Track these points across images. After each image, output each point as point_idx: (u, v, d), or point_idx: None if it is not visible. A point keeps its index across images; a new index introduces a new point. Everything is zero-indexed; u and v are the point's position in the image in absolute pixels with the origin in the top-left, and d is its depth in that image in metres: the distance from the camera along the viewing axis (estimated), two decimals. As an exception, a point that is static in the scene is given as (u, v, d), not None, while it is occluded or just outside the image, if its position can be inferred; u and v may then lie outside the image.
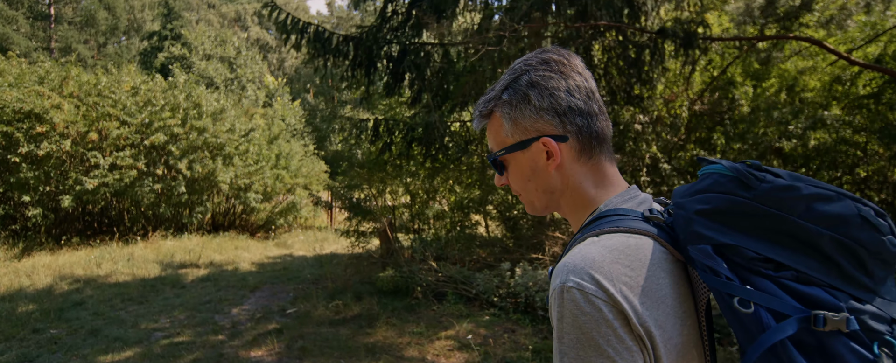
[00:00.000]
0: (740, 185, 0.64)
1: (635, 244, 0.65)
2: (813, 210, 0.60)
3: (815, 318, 0.55)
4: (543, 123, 0.74)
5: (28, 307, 5.36)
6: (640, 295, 0.61)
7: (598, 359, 0.58)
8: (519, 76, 0.76)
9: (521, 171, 0.77)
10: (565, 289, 0.61)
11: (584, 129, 0.74)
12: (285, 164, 11.79)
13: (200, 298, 5.69)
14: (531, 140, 0.74)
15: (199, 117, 9.50)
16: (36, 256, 7.77)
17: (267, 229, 12.10)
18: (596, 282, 0.60)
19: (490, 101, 0.79)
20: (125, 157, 8.48)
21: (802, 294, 0.57)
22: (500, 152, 0.78)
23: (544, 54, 0.77)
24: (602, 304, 0.59)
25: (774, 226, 0.61)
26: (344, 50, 6.20)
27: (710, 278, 0.61)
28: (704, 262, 0.61)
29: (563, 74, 0.75)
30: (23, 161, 7.85)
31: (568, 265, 0.63)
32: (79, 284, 6.31)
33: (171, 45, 34.92)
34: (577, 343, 0.59)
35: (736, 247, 0.61)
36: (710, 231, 0.63)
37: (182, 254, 7.96)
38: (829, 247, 0.59)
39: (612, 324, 0.58)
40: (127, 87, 9.34)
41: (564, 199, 0.77)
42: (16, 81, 8.77)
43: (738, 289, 0.59)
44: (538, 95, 0.74)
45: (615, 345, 0.58)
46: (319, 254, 9.05)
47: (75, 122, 8.26)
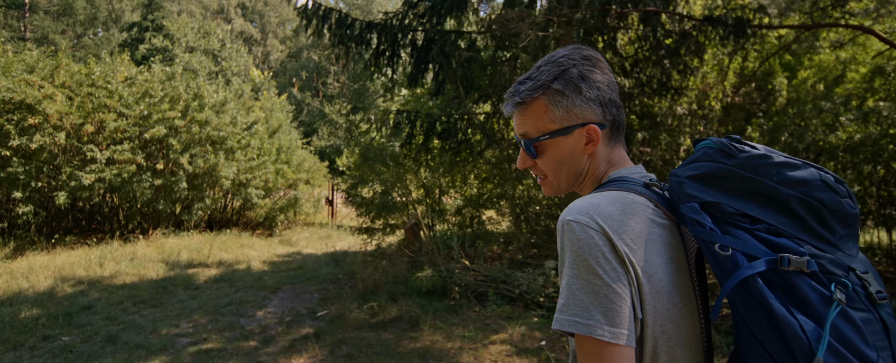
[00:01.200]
0: (724, 154, 0.75)
1: (632, 198, 0.77)
2: (783, 174, 0.71)
3: (781, 259, 0.65)
4: (590, 112, 0.83)
5: (32, 312, 4.96)
6: (628, 232, 0.72)
7: (589, 275, 0.69)
8: (568, 69, 0.83)
9: (559, 155, 0.85)
10: (566, 222, 0.73)
11: (616, 119, 0.85)
12: (286, 159, 11.39)
13: (219, 300, 5.35)
14: (576, 126, 0.83)
15: (201, 109, 9.05)
16: (30, 256, 7.29)
17: (267, 226, 11.71)
18: (590, 217, 0.72)
19: (536, 90, 0.84)
20: (123, 151, 8.02)
21: (772, 242, 0.68)
22: (543, 136, 0.85)
23: (583, 51, 0.85)
24: (593, 233, 0.71)
25: (751, 188, 0.72)
26: (367, 38, 5.89)
27: (696, 229, 0.72)
28: (692, 217, 0.72)
29: (602, 70, 0.85)
30: (14, 155, 7.34)
31: (572, 207, 0.75)
32: (82, 286, 5.91)
33: (152, 36, 33.82)
34: (574, 263, 0.71)
35: (718, 205, 0.72)
36: (697, 191, 0.74)
37: (188, 253, 7.56)
38: (796, 205, 0.69)
39: (602, 249, 0.70)
40: (121, 77, 8.84)
41: (587, 179, 0.87)
42: (3, 70, 8.21)
43: (719, 237, 0.69)
44: (588, 87, 0.83)
45: (603, 264, 0.69)
46: (330, 252, 8.73)
47: (70, 113, 7.76)
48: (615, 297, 0.68)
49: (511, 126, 7.10)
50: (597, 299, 0.68)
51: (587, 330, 0.68)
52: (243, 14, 56.79)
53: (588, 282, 0.69)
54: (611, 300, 0.68)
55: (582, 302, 0.69)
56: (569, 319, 0.70)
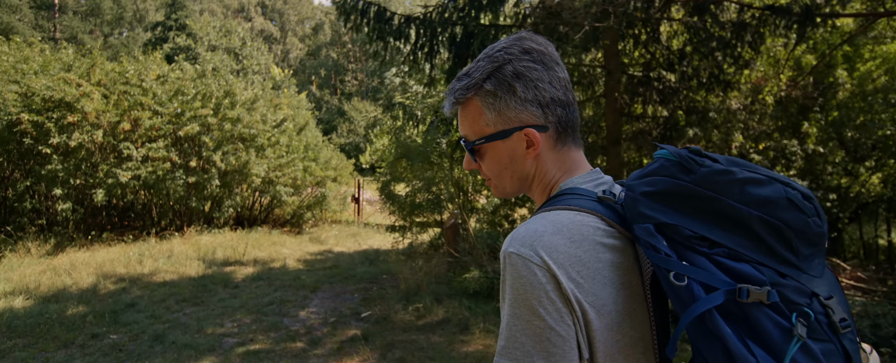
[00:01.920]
0: (682, 169, 0.68)
1: (580, 221, 0.70)
2: (745, 192, 0.65)
3: (739, 291, 0.61)
4: (527, 114, 0.76)
5: (78, 309, 4.98)
6: (576, 265, 0.67)
7: (530, 317, 0.65)
8: (502, 65, 0.76)
9: (499, 159, 0.79)
10: (508, 254, 0.68)
11: (562, 120, 0.77)
12: (314, 156, 11.38)
13: (259, 299, 5.31)
14: (513, 130, 0.76)
15: (232, 107, 9.06)
16: (70, 253, 7.38)
17: (294, 223, 11.73)
18: (534, 250, 0.66)
19: (469, 89, 0.78)
20: (158, 149, 8.06)
21: (732, 269, 0.63)
22: (479, 141, 0.79)
23: (524, 43, 0.77)
24: (536, 269, 0.65)
25: (710, 207, 0.66)
26: (405, 32, 5.77)
27: (651, 254, 0.66)
28: (647, 240, 0.66)
29: (545, 65, 0.76)
30: (54, 152, 7.43)
31: (515, 235, 0.69)
32: (124, 283, 5.93)
33: (175, 35, 34.33)
34: (514, 302, 0.66)
35: (675, 227, 0.66)
36: (652, 211, 0.68)
37: (223, 251, 7.57)
38: (758, 227, 0.64)
39: (545, 288, 0.65)
40: (153, 75, 8.89)
41: (535, 184, 0.81)
42: (41, 69, 8.33)
43: (675, 265, 0.64)
44: (523, 87, 0.75)
45: (546, 305, 0.65)
46: (362, 250, 8.68)
47: (107, 111, 7.83)
48: (558, 341, 0.65)
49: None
50: (538, 343, 0.65)
51: None
52: (263, 13, 57.39)
53: (530, 323, 0.65)
54: (554, 344, 0.65)
55: (523, 345, 0.65)
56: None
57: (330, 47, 56.55)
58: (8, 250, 7.24)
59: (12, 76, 7.86)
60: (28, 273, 6.38)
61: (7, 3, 27.09)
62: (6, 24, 24.99)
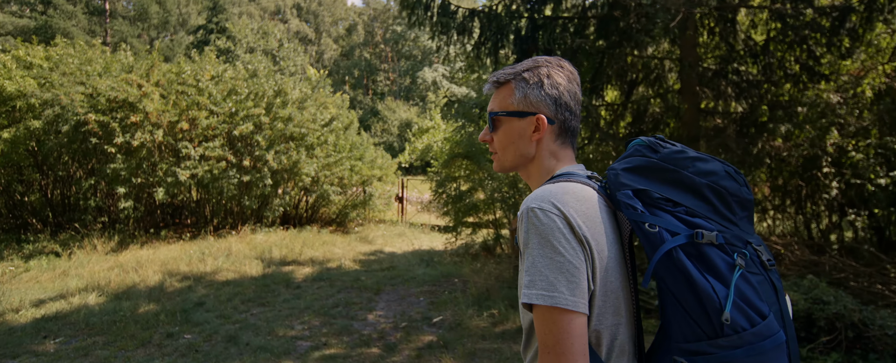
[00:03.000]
0: (651, 150, 0.93)
1: (581, 188, 0.91)
2: (696, 166, 0.89)
3: (696, 234, 0.82)
4: (544, 105, 0.98)
5: (149, 307, 5.01)
6: (583, 216, 0.86)
7: (553, 254, 0.82)
8: (541, 66, 1.00)
9: (510, 133, 1.00)
10: (529, 209, 0.85)
11: (566, 122, 1.00)
12: (359, 155, 11.34)
13: (324, 301, 5.22)
14: (529, 113, 0.98)
15: (284, 106, 9.10)
16: (132, 250, 7.54)
17: (339, 222, 11.73)
18: (551, 204, 0.85)
19: (510, 74, 1.01)
20: (214, 148, 8.15)
21: (689, 222, 0.85)
22: (502, 113, 1.00)
23: (561, 61, 1.03)
24: (555, 217, 0.83)
25: (672, 177, 0.89)
26: (469, 26, 5.58)
27: (629, 212, 0.86)
28: (626, 202, 0.87)
29: (570, 80, 1.00)
30: (118, 152, 7.60)
31: (533, 196, 0.88)
32: (189, 282, 5.97)
33: (216, 38, 35.30)
34: (539, 244, 0.83)
35: (647, 191, 0.87)
36: (630, 181, 0.90)
37: (278, 250, 7.58)
38: (707, 192, 0.87)
39: (563, 231, 0.83)
40: (208, 75, 9.01)
41: (533, 166, 1.01)
42: (104, 70, 8.56)
43: (648, 217, 0.85)
44: (549, 85, 0.99)
45: (564, 244, 0.82)
46: (412, 251, 8.55)
47: (166, 111, 7.96)
48: (575, 272, 0.81)
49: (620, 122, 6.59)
50: (561, 274, 0.80)
51: (553, 301, 0.79)
52: (299, 14, 58.42)
53: (552, 259, 0.81)
54: (572, 274, 0.80)
55: (547, 278, 0.80)
56: (537, 293, 0.80)
57: (363, 47, 57.12)
58: (76, 247, 7.45)
59: (78, 77, 8.09)
60: (97, 269, 6.53)
61: (63, 9, 28.40)
62: (62, 28, 26.19)
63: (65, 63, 8.40)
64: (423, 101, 46.49)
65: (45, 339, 4.23)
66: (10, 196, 9.35)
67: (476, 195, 7.58)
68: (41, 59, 8.55)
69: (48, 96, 7.57)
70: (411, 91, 51.00)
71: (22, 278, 6.37)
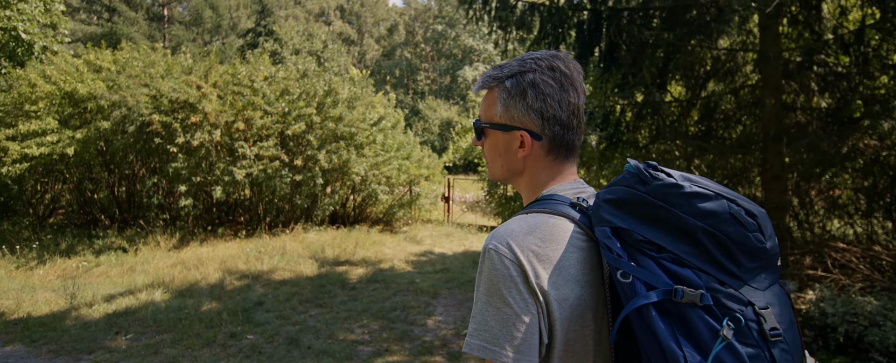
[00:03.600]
0: (638, 180, 0.77)
1: (553, 223, 0.79)
2: (692, 205, 0.72)
3: (675, 291, 0.68)
4: (528, 120, 0.85)
5: (212, 305, 5.09)
6: (544, 261, 0.76)
7: (501, 305, 0.74)
8: (525, 72, 0.85)
9: (495, 146, 0.90)
10: (487, 250, 0.77)
11: (557, 137, 0.86)
12: (406, 155, 11.30)
13: (380, 304, 5.15)
14: (513, 127, 0.86)
15: (335, 105, 9.15)
16: (192, 247, 7.77)
17: (386, 222, 11.74)
18: (508, 247, 0.76)
19: (494, 80, 0.88)
20: (268, 148, 8.29)
21: (674, 272, 0.70)
22: (485, 124, 0.90)
23: (554, 61, 0.86)
24: (509, 263, 0.75)
25: (660, 216, 0.73)
26: (528, 20, 5.35)
27: (606, 254, 0.74)
28: (603, 241, 0.75)
29: (562, 87, 0.85)
30: (179, 151, 7.84)
31: (496, 233, 0.79)
32: (247, 280, 6.06)
33: (264, 40, 36.45)
34: (488, 291, 0.76)
35: (628, 231, 0.74)
36: (610, 216, 0.76)
37: (331, 250, 7.61)
38: (702, 237, 0.71)
39: (515, 280, 0.74)
40: (262, 76, 9.18)
41: (523, 180, 0.90)
42: (166, 72, 8.87)
43: (624, 264, 0.72)
44: (533, 96, 0.84)
45: (515, 295, 0.74)
46: (462, 252, 8.40)
47: (224, 111, 8.16)
48: (522, 327, 0.73)
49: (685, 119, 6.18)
50: (505, 327, 0.73)
51: (493, 356, 0.73)
52: (342, 16, 59.56)
53: (499, 310, 0.74)
54: (518, 329, 0.73)
55: (492, 328, 0.74)
56: (479, 344, 0.75)
57: (404, 47, 57.59)
58: (141, 243, 7.75)
59: (143, 80, 8.42)
60: (161, 266, 6.74)
61: (126, 16, 30.09)
62: (125, 34, 27.73)
63: (130, 66, 8.77)
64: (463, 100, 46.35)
65: (117, 335, 4.36)
66: (81, 193, 9.90)
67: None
68: (109, 62, 8.96)
69: (116, 98, 7.91)
70: (451, 90, 50.96)
71: (93, 272, 6.67)
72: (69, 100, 8.35)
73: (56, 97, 8.23)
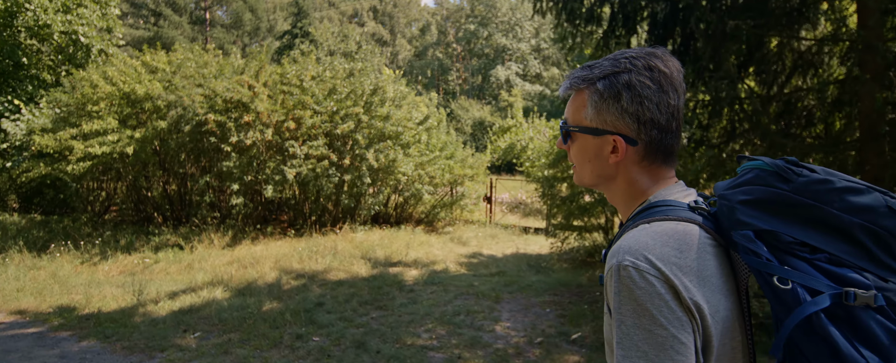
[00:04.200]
0: (779, 179, 0.72)
1: (683, 230, 0.72)
2: (845, 200, 0.68)
3: (846, 294, 0.63)
4: (622, 124, 0.79)
5: (273, 305, 5.05)
6: (688, 273, 0.69)
7: (653, 327, 0.65)
8: (620, 73, 0.79)
9: (585, 151, 0.84)
10: (622, 267, 0.69)
11: (654, 141, 0.79)
12: (450, 154, 11.15)
13: (442, 308, 5.00)
14: (605, 132, 0.80)
15: (382, 104, 9.09)
16: (245, 245, 7.83)
17: (427, 222, 11.63)
18: (648, 261, 0.68)
19: (584, 81, 0.82)
20: (318, 147, 8.28)
21: (835, 274, 0.65)
22: (574, 128, 0.84)
23: (652, 59, 0.79)
24: (654, 280, 0.67)
25: (810, 215, 0.68)
26: (597, 14, 5.09)
27: (751, 259, 0.69)
28: (747, 246, 0.69)
29: (661, 88, 0.78)
30: (232, 150, 7.92)
31: (623, 247, 0.70)
32: (303, 280, 6.02)
33: (300, 42, 37.13)
34: (634, 313, 0.67)
35: (774, 233, 0.69)
36: (751, 218, 0.71)
37: (381, 250, 7.54)
38: (859, 234, 0.67)
39: (664, 297, 0.66)
40: (310, 75, 9.20)
41: (616, 186, 0.84)
42: (218, 73, 9.00)
43: (777, 269, 0.67)
44: (629, 99, 0.78)
45: (667, 314, 0.66)
46: (512, 254, 8.19)
47: (275, 110, 8.20)
48: (681, 348, 0.65)
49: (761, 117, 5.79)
50: (662, 351, 0.65)
51: None
52: (375, 17, 60.13)
53: (652, 333, 0.66)
54: (677, 351, 0.65)
55: (647, 355, 0.66)
56: None
57: (435, 47, 57.66)
58: (196, 241, 7.87)
59: (196, 80, 8.56)
60: (217, 264, 6.80)
61: (171, 20, 31.15)
62: (171, 38, 28.68)
63: (184, 67, 8.94)
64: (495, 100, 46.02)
65: (185, 334, 4.35)
66: (136, 191, 10.18)
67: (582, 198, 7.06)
68: (164, 63, 9.16)
69: (172, 98, 8.06)
70: (483, 90, 50.68)
71: (153, 269, 6.79)
72: (127, 100, 8.57)
73: (115, 97, 8.46)
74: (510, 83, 46.61)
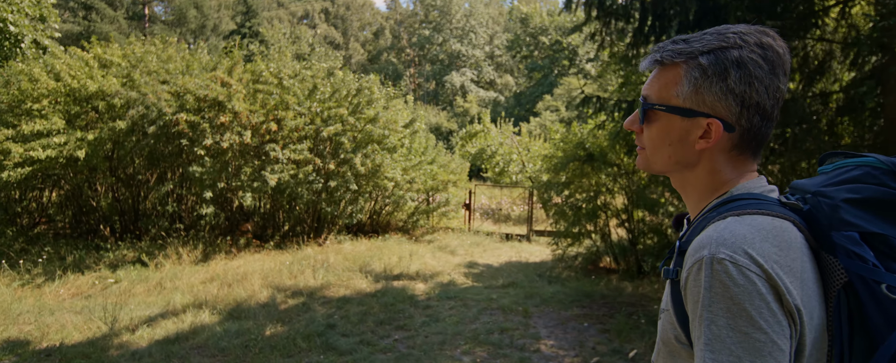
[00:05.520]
0: (894, 178, 0.66)
1: (780, 226, 0.65)
2: None
3: None
4: (723, 106, 0.71)
5: (277, 328, 4.43)
6: (790, 274, 0.62)
7: (751, 329, 0.58)
8: (729, 48, 0.70)
9: (667, 134, 0.75)
10: (716, 260, 0.61)
11: (754, 130, 0.72)
12: (432, 159, 10.74)
13: (469, 325, 4.57)
14: (699, 114, 0.72)
15: (369, 105, 8.55)
16: (219, 260, 7.02)
17: (405, 230, 11.14)
18: (749, 257, 0.61)
19: (680, 54, 0.72)
20: (301, 150, 7.62)
21: None
22: (660, 106, 0.75)
23: (765, 37, 0.71)
24: (755, 278, 0.60)
25: None
26: (630, 12, 4.91)
27: (855, 264, 0.63)
28: (851, 249, 0.63)
29: (773, 69, 0.71)
30: (206, 154, 7.10)
31: (717, 239, 0.63)
32: (302, 298, 5.39)
33: (249, 42, 35.36)
34: (729, 312, 0.60)
35: (884, 237, 0.63)
36: (858, 219, 0.64)
37: (378, 263, 6.99)
38: None
39: (766, 298, 0.59)
40: (288, 73, 8.50)
41: (693, 175, 0.76)
42: (185, 69, 8.12)
43: (886, 276, 0.61)
44: (738, 77, 0.70)
45: (767, 317, 0.59)
46: (508, 262, 7.88)
47: (255, 111, 7.47)
48: (780, 356, 0.59)
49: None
50: (759, 358, 0.58)
51: None
52: (327, 19, 58.62)
53: (748, 336, 0.58)
54: (776, 359, 0.58)
55: (740, 359, 0.58)
56: None
57: (389, 52, 57.03)
58: (161, 256, 6.96)
59: (162, 76, 7.65)
60: (193, 282, 6.00)
61: (104, 14, 28.64)
62: (104, 33, 26.34)
63: (146, 61, 7.99)
64: (451, 106, 46.04)
65: (182, 369, 3.66)
66: (76, 201, 8.95)
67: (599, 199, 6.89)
68: (119, 57, 8.14)
69: (133, 95, 7.13)
70: (438, 95, 50.61)
71: (114, 290, 5.88)
72: (74, 97, 7.51)
73: (61, 94, 7.38)
74: (465, 89, 46.83)
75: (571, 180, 6.83)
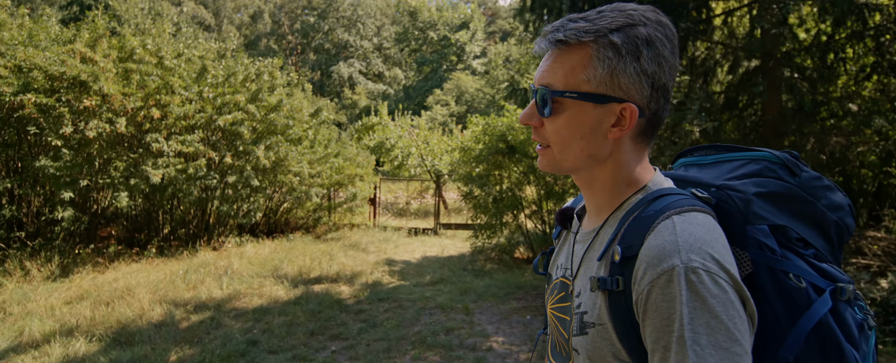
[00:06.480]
0: (789, 172, 0.70)
1: (715, 223, 0.63)
2: (828, 198, 0.70)
3: (839, 290, 0.62)
4: (636, 90, 0.66)
5: (186, 351, 3.72)
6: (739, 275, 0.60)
7: (729, 343, 0.54)
8: (635, 24, 0.65)
9: (578, 125, 0.67)
10: (690, 269, 0.56)
11: (658, 113, 0.68)
12: (337, 151, 10.12)
13: (411, 328, 4.32)
14: (614, 99, 0.66)
15: (271, 91, 7.70)
16: (85, 274, 5.76)
17: (306, 228, 10.42)
18: (717, 263, 0.57)
19: (587, 33, 0.65)
20: (192, 142, 6.59)
21: (822, 270, 0.64)
22: (570, 94, 0.66)
23: (660, 15, 0.67)
24: (727, 286, 0.57)
25: (807, 211, 0.68)
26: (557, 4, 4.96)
27: (764, 255, 0.63)
28: (763, 241, 0.64)
29: (672, 48, 0.67)
30: (64, 145, 5.76)
31: (683, 245, 0.58)
32: (207, 312, 4.63)
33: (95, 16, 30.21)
34: (709, 328, 0.55)
35: (785, 228, 0.66)
36: (766, 212, 0.66)
37: (288, 265, 6.32)
38: (832, 230, 0.69)
39: (737, 307, 0.56)
40: (171, 52, 7.30)
41: (601, 171, 0.70)
42: (28, 39, 6.50)
43: (793, 266, 0.63)
44: (649, 58, 0.65)
45: (740, 327, 0.56)
46: (426, 257, 7.73)
47: (132, 93, 6.25)
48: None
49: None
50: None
51: None
52: (195, -3, 52.53)
53: (728, 352, 0.54)
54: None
55: None
56: None
57: (269, 37, 53.10)
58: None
59: (-8, 46, 6.03)
60: (53, 304, 4.83)
61: None
62: None
63: (-35, 26, 6.23)
64: (338, 97, 44.46)
65: (63, 419, 2.86)
66: None
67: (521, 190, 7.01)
68: (-78, 18, 6.24)
69: (-49, 68, 5.50)
70: (324, 86, 48.56)
71: (-67, 322, 4.47)
72: None
73: None
74: (354, 81, 45.54)
75: (490, 171, 6.88)
